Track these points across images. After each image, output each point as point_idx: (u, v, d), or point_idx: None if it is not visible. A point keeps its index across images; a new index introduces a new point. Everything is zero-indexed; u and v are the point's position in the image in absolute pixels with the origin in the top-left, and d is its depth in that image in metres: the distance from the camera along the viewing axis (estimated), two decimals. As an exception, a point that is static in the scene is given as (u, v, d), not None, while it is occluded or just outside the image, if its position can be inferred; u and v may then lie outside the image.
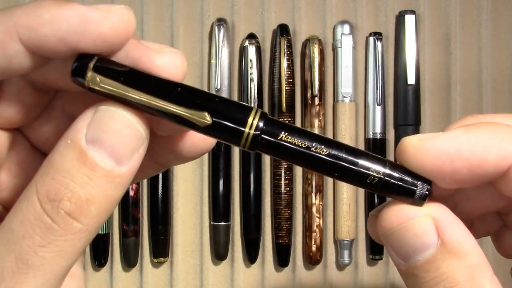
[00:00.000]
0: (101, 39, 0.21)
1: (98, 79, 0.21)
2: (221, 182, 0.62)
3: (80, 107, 0.24)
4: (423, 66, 0.63)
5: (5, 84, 0.23)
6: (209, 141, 0.25)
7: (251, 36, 0.62)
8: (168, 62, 0.22)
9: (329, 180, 0.63)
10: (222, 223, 0.62)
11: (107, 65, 0.21)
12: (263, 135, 0.22)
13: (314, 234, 0.62)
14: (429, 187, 0.22)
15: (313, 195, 0.62)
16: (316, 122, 0.62)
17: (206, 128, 0.21)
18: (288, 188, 0.62)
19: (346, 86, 0.62)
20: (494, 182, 0.23)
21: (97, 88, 0.21)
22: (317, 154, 0.22)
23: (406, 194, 0.22)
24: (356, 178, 0.22)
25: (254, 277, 0.63)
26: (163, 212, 0.62)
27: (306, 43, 0.62)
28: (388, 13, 0.64)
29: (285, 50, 0.62)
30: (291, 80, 0.62)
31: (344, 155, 0.22)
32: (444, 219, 0.22)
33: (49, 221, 0.20)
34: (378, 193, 0.23)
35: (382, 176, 0.22)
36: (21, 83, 0.23)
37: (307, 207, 0.62)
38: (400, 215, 0.22)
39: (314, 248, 0.62)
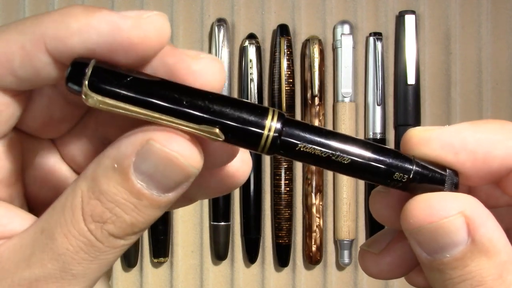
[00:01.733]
0: (133, 49, 0.20)
1: (96, 99, 0.19)
2: (221, 182, 0.62)
3: (115, 131, 0.23)
4: (423, 66, 0.63)
5: (36, 94, 0.22)
6: (241, 176, 0.24)
7: (251, 36, 0.62)
8: (205, 68, 0.21)
9: (329, 180, 0.63)
10: (222, 223, 0.62)
11: (104, 77, 0.20)
12: (281, 150, 0.20)
13: (314, 234, 0.62)
14: (457, 178, 0.22)
15: (313, 195, 0.62)
16: (316, 122, 0.62)
17: (222, 142, 0.20)
18: (288, 188, 0.62)
19: (346, 86, 0.62)
20: (499, 182, 0.22)
21: (96, 107, 0.20)
22: (339, 162, 0.21)
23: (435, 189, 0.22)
24: (382, 179, 0.21)
25: (254, 277, 0.63)
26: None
27: (306, 43, 0.62)
28: (388, 13, 0.64)
29: (285, 50, 0.62)
30: (291, 80, 0.62)
31: (366, 161, 0.21)
32: (477, 217, 0.21)
33: (93, 239, 0.20)
34: (407, 191, 0.22)
35: (408, 176, 0.21)
36: (52, 94, 0.23)
37: (307, 207, 0.62)
38: (431, 214, 0.21)
39: (314, 248, 0.62)
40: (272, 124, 0.20)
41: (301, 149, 0.21)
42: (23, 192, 0.24)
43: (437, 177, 0.21)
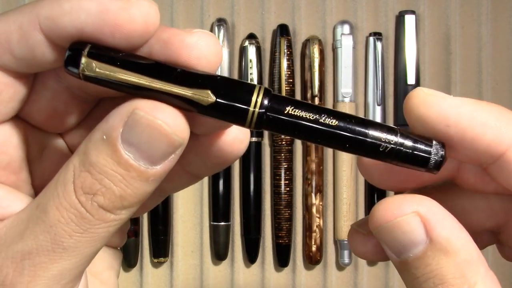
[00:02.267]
0: (119, 31, 0.20)
1: (94, 65, 0.20)
2: (221, 182, 0.62)
3: None
4: (423, 66, 0.63)
5: (40, 86, 0.23)
6: (239, 146, 0.25)
7: (251, 36, 0.62)
8: (199, 41, 0.21)
9: (329, 181, 0.63)
10: (222, 223, 0.62)
11: (101, 51, 0.21)
12: (268, 113, 0.21)
13: (314, 234, 0.62)
14: (443, 153, 0.22)
15: (313, 195, 0.62)
16: (316, 122, 0.62)
17: (210, 108, 0.21)
18: (288, 188, 0.62)
19: (346, 86, 0.62)
20: (487, 167, 0.23)
21: (93, 74, 0.21)
22: (326, 127, 0.21)
23: (420, 164, 0.22)
24: (368, 148, 0.22)
25: (254, 277, 0.63)
26: (163, 212, 0.62)
27: (306, 43, 0.62)
28: (388, 13, 0.64)
29: (285, 50, 0.62)
30: (291, 80, 0.62)
31: (354, 126, 0.21)
32: (432, 217, 0.21)
33: (83, 211, 0.21)
34: (392, 163, 0.22)
35: (394, 146, 0.22)
36: (56, 87, 0.23)
37: (307, 207, 0.62)
38: (388, 213, 0.22)
39: (314, 248, 0.62)
40: (258, 99, 0.21)
41: (289, 112, 0.21)
42: (31, 183, 0.25)
43: (422, 148, 0.22)
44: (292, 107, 0.21)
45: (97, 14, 0.20)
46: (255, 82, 0.62)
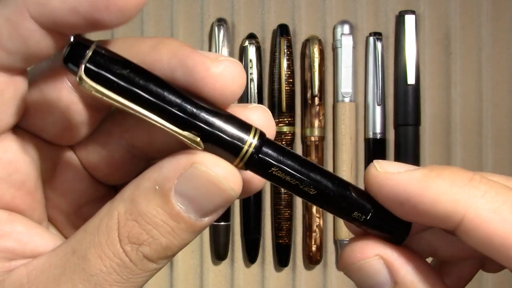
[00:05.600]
0: (114, 4, 0.19)
1: (89, 85, 0.19)
2: (221, 182, 0.62)
3: (142, 138, 0.23)
4: (423, 66, 0.63)
5: (55, 98, 0.22)
6: (256, 186, 0.24)
7: (251, 36, 0.62)
8: (224, 71, 0.20)
9: (329, 180, 0.63)
10: (222, 223, 0.62)
11: (101, 64, 0.19)
12: (253, 168, 0.21)
13: (314, 234, 0.62)
14: (405, 236, 0.23)
15: (313, 195, 0.62)
16: (316, 122, 0.62)
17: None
18: (288, 188, 0.62)
19: (346, 86, 0.62)
20: (453, 231, 0.23)
21: (90, 92, 0.20)
22: (303, 193, 0.22)
23: (386, 234, 0.23)
24: (344, 215, 0.23)
25: (254, 277, 0.63)
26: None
27: (306, 43, 0.62)
28: (388, 13, 0.64)
29: (285, 50, 0.62)
30: (291, 80, 0.62)
31: (331, 199, 0.22)
32: (396, 260, 0.22)
33: (127, 261, 0.20)
34: (364, 229, 0.23)
35: (364, 218, 0.23)
36: (71, 98, 0.22)
37: (307, 207, 0.62)
38: (353, 255, 0.23)
39: (314, 248, 0.62)
40: (252, 141, 0.21)
41: (273, 172, 0.21)
42: (44, 203, 0.24)
43: (388, 227, 0.23)
44: (277, 169, 0.21)
45: None
46: (255, 82, 0.62)
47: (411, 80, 0.62)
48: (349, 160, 0.62)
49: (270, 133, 0.22)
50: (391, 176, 0.22)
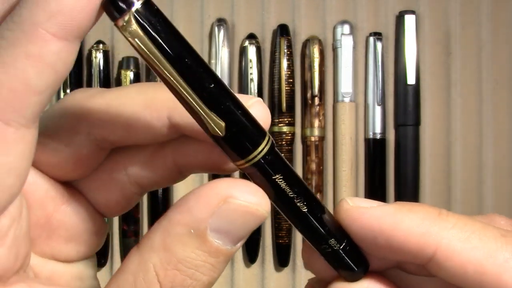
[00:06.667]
0: None
1: (135, 31, 0.18)
2: (221, 182, 0.62)
3: (153, 176, 0.23)
4: (423, 66, 0.63)
5: (69, 140, 0.22)
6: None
7: (251, 36, 0.62)
8: (256, 114, 0.21)
9: (329, 181, 0.63)
10: (222, 223, 0.62)
11: (153, 14, 0.18)
12: (259, 169, 0.21)
13: (314, 234, 0.62)
14: (362, 275, 0.23)
15: (313, 195, 0.62)
16: (316, 122, 0.62)
17: (213, 137, 0.20)
18: (288, 188, 0.62)
19: (346, 86, 0.62)
20: (426, 265, 0.23)
21: (129, 38, 0.18)
22: (298, 207, 0.22)
23: (348, 271, 0.24)
24: (317, 239, 0.23)
25: (254, 277, 0.63)
26: (163, 212, 0.61)
27: (306, 43, 0.62)
28: (388, 13, 0.64)
29: (285, 50, 0.62)
30: (291, 80, 0.62)
31: (318, 219, 0.22)
32: None
33: None
34: (327, 261, 0.24)
35: (338, 247, 0.23)
36: (85, 138, 0.22)
37: (307, 207, 0.62)
38: None
39: (314, 248, 0.62)
40: (268, 142, 0.20)
41: (276, 179, 0.21)
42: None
43: (354, 261, 0.23)
44: (281, 177, 0.21)
45: None
46: (255, 82, 0.62)
47: (411, 80, 0.62)
48: (349, 160, 0.62)
49: (267, 128, 0.22)
50: (365, 210, 0.22)
